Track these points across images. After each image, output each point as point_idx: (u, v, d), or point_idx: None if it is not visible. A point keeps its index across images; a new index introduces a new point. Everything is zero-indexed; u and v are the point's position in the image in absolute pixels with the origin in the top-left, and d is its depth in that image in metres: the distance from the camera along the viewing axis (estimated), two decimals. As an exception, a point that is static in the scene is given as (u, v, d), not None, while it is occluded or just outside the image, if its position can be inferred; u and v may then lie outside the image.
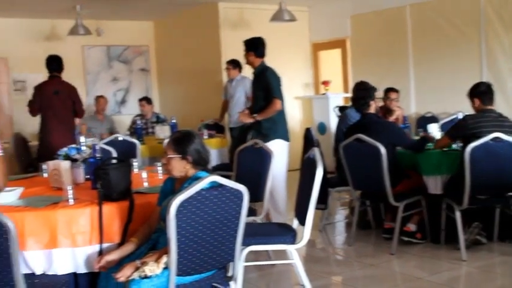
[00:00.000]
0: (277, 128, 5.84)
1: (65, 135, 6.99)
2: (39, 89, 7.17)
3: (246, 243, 3.60)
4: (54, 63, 7.19)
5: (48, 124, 7.10)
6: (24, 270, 3.21)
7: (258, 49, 5.94)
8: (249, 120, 5.87)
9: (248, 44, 6.01)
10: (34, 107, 7.16)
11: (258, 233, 4.12)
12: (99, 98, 9.10)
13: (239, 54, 8.62)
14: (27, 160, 7.56)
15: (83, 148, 4.37)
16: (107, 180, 3.48)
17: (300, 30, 10.38)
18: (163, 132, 7.73)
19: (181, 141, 3.37)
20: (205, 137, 7.63)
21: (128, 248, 3.36)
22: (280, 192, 5.83)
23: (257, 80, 5.95)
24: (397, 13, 9.12)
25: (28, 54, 10.09)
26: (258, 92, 5.89)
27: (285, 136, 5.88)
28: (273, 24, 8.83)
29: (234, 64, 8.52)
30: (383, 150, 5.18)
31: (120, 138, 6.61)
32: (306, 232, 3.92)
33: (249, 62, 6.05)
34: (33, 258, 3.35)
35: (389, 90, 7.01)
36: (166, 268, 3.10)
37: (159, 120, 8.59)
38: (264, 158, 4.82)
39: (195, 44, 10.34)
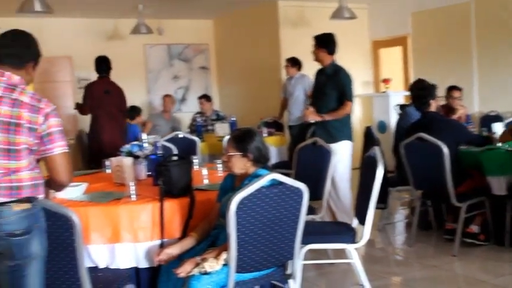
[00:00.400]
0: (344, 128, 5.73)
1: (116, 134, 7.16)
2: (89, 88, 7.34)
3: (305, 242, 3.58)
4: (104, 64, 7.34)
5: (100, 123, 7.25)
6: (88, 263, 3.28)
7: (330, 46, 5.75)
8: (317, 119, 5.71)
9: (320, 40, 5.79)
10: (85, 106, 7.33)
11: (317, 231, 4.11)
12: (166, 97, 9.21)
13: (298, 52, 8.63)
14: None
15: (145, 145, 4.44)
16: (169, 176, 3.53)
17: (360, 28, 10.28)
18: (222, 130, 7.79)
19: (242, 139, 3.38)
20: (265, 134, 7.64)
21: (187, 243, 3.39)
22: (346, 193, 5.73)
23: (328, 79, 5.74)
24: (461, 9, 8.90)
25: (91, 52, 10.28)
26: (330, 92, 5.69)
27: (350, 137, 5.77)
28: (332, 22, 8.75)
29: (293, 62, 8.50)
30: (445, 149, 5.08)
31: (181, 136, 6.68)
32: (366, 232, 3.88)
33: (318, 59, 5.84)
34: (96, 252, 3.43)
35: (452, 89, 6.86)
36: (225, 265, 3.12)
37: (219, 118, 8.66)
38: (323, 156, 4.78)
39: (254, 42, 10.36)
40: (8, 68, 2.74)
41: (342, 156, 5.56)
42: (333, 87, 5.68)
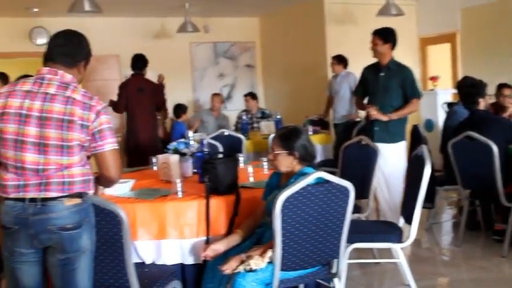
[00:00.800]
0: (403, 127, 5.57)
1: (150, 131, 7.25)
2: (124, 87, 7.43)
3: (350, 241, 3.57)
4: (140, 62, 7.45)
5: (134, 121, 7.35)
6: (135, 259, 3.33)
7: (393, 40, 5.61)
8: (383, 119, 5.42)
9: (385, 35, 5.59)
10: (119, 104, 7.43)
11: (363, 230, 4.08)
12: (214, 96, 9.26)
13: (344, 49, 8.58)
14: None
15: (191, 142, 4.47)
16: (215, 174, 3.55)
17: (408, 25, 10.12)
18: (267, 128, 7.80)
19: (288, 137, 3.38)
20: (310, 133, 7.62)
21: (233, 239, 3.41)
22: (399, 193, 5.44)
23: (392, 76, 5.49)
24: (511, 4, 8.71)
25: (138, 51, 10.41)
26: (395, 89, 5.45)
27: (405, 136, 5.62)
28: (379, 19, 8.63)
29: (339, 60, 8.44)
30: (495, 148, 4.98)
31: (226, 133, 6.72)
32: (413, 231, 3.84)
33: (380, 54, 5.58)
34: (143, 248, 3.48)
35: (502, 86, 6.71)
36: (270, 262, 3.12)
37: (264, 116, 8.66)
38: (369, 155, 4.74)
39: (300, 39, 10.33)
40: (61, 67, 2.81)
41: (400, 156, 5.47)
42: (398, 84, 5.45)
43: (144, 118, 7.32)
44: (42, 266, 2.85)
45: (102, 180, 2.92)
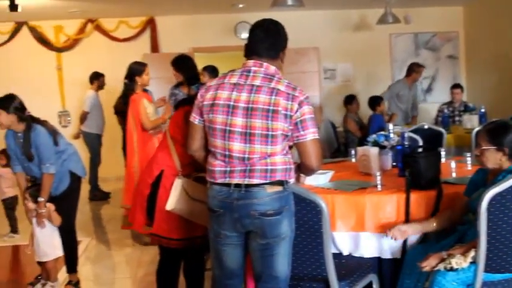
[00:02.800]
0: None
1: None
2: None
3: None
4: None
5: None
6: (333, 250, 3.36)
7: None
8: None
9: None
10: None
11: None
12: None
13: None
14: (336, 145, 7.91)
15: (391, 135, 4.42)
16: (416, 168, 3.48)
17: None
18: (471, 122, 7.46)
19: (497, 132, 3.20)
20: (518, 128, 7.15)
21: (423, 226, 3.32)
22: None
23: None
24: None
25: (337, 43, 10.53)
26: None
27: None
28: None
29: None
30: None
31: (426, 127, 6.54)
32: None
33: None
34: (341, 239, 3.50)
35: None
36: (473, 262, 3.00)
37: (467, 109, 8.29)
38: None
39: (509, 28, 9.71)
40: (265, 60, 2.92)
41: None
42: None
43: None
44: (245, 249, 2.99)
45: (303, 168, 3.00)
